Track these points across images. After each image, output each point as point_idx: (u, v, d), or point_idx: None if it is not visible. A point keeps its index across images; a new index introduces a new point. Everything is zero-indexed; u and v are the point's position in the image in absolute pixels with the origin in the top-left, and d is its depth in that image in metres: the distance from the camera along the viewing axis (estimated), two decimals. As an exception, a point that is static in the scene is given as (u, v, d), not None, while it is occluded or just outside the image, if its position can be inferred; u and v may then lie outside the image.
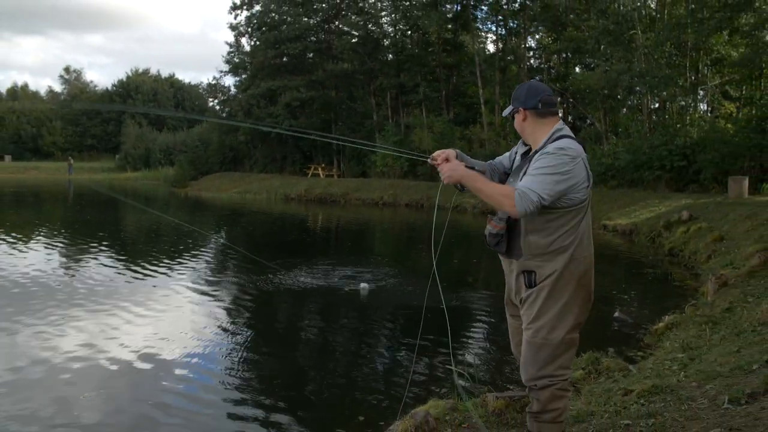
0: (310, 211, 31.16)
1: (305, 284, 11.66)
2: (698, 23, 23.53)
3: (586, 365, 6.01)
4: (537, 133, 3.56)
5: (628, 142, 26.57)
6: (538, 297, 3.48)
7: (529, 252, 3.47)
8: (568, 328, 3.46)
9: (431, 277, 3.86)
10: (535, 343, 3.49)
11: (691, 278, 11.88)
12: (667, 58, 25.98)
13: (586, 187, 3.43)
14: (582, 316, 3.54)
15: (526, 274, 3.53)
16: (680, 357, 5.95)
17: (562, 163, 3.31)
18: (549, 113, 3.57)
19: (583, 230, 3.48)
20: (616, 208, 21.43)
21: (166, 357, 7.50)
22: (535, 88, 3.62)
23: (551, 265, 3.44)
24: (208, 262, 14.95)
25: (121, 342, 7.99)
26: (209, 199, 38.45)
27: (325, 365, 7.40)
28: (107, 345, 7.86)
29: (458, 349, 7.78)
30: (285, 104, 44.02)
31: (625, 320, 8.87)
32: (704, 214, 16.16)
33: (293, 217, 28.72)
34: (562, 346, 3.46)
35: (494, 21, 38.74)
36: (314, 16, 46.50)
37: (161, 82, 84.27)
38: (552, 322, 3.45)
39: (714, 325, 6.91)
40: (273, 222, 26.53)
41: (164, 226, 22.30)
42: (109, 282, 11.81)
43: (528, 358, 3.54)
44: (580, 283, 3.47)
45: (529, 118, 3.57)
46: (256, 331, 8.88)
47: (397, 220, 27.06)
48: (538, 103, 3.54)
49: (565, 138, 3.46)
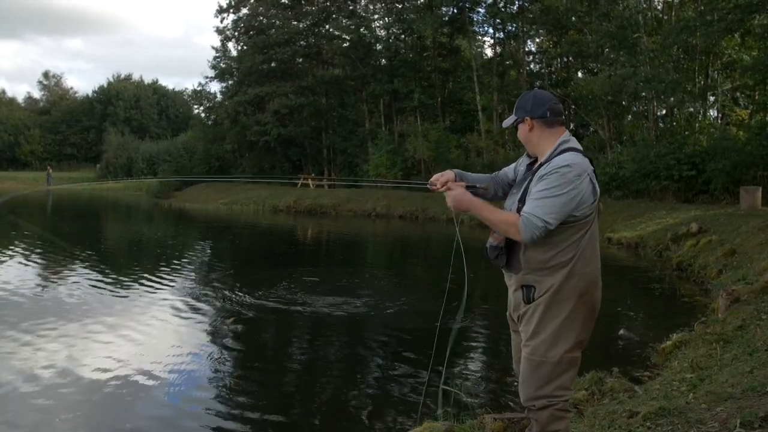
0: (299, 224, 31.11)
1: (293, 300, 11.60)
2: (708, 25, 23.52)
3: (589, 386, 5.97)
4: (544, 144, 3.56)
5: (634, 150, 26.51)
6: (536, 312, 3.47)
7: (528, 266, 3.47)
8: (569, 347, 3.44)
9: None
10: (534, 360, 3.47)
11: (701, 294, 11.84)
12: (674, 62, 26.02)
13: (592, 203, 3.43)
14: (584, 335, 3.52)
15: (525, 289, 3.52)
16: (689, 377, 5.90)
17: (566, 182, 3.31)
18: (557, 122, 3.58)
19: (586, 245, 3.46)
20: (620, 220, 21.40)
21: (145, 379, 7.41)
22: (542, 96, 3.65)
23: (550, 280, 3.42)
24: (191, 276, 14.86)
25: (97, 362, 7.88)
26: (194, 210, 38.40)
27: (313, 388, 7.33)
28: (83, 365, 7.77)
29: (455, 367, 7.71)
30: (273, 111, 43.97)
31: (630, 338, 8.82)
32: (714, 227, 16.13)
33: (282, 230, 28.66)
34: (561, 365, 3.44)
35: (492, 24, 38.84)
36: (304, 20, 46.48)
37: (144, 88, 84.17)
38: (550, 339, 3.43)
39: (725, 344, 6.85)
40: (261, 234, 26.48)
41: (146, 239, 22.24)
42: (86, 298, 11.72)
43: (526, 377, 3.54)
44: (582, 299, 3.45)
45: (536, 128, 3.57)
46: (240, 351, 8.79)
47: (391, 233, 27.02)
48: (546, 112, 3.56)
49: (570, 152, 3.45)
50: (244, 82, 47.07)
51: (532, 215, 3.29)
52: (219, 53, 51.62)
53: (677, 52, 26.05)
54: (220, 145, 49.85)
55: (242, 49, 49.38)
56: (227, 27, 49.64)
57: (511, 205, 3.62)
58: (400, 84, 40.79)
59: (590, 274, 3.48)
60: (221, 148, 49.90)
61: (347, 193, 37.33)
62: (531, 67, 39.68)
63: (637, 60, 26.50)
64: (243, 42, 49.21)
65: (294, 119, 45.30)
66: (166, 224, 31.11)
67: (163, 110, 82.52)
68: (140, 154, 61.31)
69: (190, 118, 72.16)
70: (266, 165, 47.61)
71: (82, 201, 45.06)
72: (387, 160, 37.51)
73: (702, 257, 14.18)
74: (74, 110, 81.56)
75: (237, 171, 49.81)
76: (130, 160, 62.42)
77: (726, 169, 21.79)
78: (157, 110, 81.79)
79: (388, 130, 41.14)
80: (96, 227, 28.21)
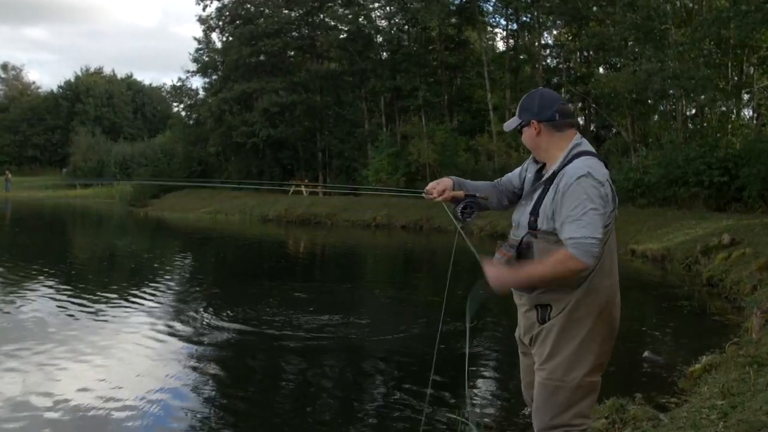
0: (291, 235, 31.14)
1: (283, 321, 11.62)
2: (742, 16, 23.46)
3: (610, 413, 6.01)
4: (553, 149, 3.59)
5: (660, 154, 26.47)
6: (551, 333, 3.48)
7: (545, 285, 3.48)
8: (587, 370, 3.45)
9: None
10: (549, 386, 3.48)
11: (733, 312, 11.86)
12: (705, 56, 26.03)
13: (612, 210, 3.44)
14: (604, 357, 3.54)
15: (540, 309, 3.53)
16: (719, 404, 5.93)
17: (593, 191, 3.33)
18: (566, 125, 3.61)
19: (605, 257, 3.45)
20: (645, 231, 21.44)
21: (113, 410, 7.31)
22: (550, 97, 3.68)
23: (568, 297, 3.43)
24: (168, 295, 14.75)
25: (59, 392, 7.76)
26: (174, 220, 38.40)
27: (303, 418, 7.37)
28: (43, 395, 7.68)
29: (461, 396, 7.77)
30: (262, 110, 43.86)
31: (655, 361, 8.86)
32: (749, 238, 16.13)
33: (271, 242, 28.70)
34: (580, 390, 3.45)
35: (504, 14, 38.95)
36: (296, 8, 46.53)
37: (117, 83, 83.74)
38: (568, 361, 3.44)
39: (760, 367, 6.88)
40: (248, 247, 26.52)
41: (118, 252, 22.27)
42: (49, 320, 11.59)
43: (541, 404, 3.54)
44: (601, 317, 3.47)
45: (544, 132, 3.59)
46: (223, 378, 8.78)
47: (393, 245, 27.07)
48: (555, 114, 3.58)
49: (585, 156, 3.48)
50: (230, 77, 47.08)
51: (581, 237, 3.26)
52: (201, 45, 51.60)
53: (709, 46, 26.06)
54: (202, 147, 49.77)
55: (227, 40, 49.44)
56: (210, 16, 49.56)
57: (520, 218, 3.64)
58: (403, 80, 40.83)
59: (609, 288, 3.50)
60: (204, 151, 49.80)
61: (344, 201, 37.31)
62: (547, 62, 39.70)
63: (665, 54, 26.51)
64: (228, 32, 49.24)
65: (285, 119, 45.27)
66: (142, 236, 31.13)
67: (138, 108, 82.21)
68: (113, 157, 60.98)
69: (168, 116, 71.80)
70: (254, 169, 47.48)
71: (46, 209, 44.95)
72: (388, 164, 37.57)
73: (735, 271, 14.18)
74: (37, 107, 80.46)
75: (221, 176, 49.60)
76: (101, 163, 62.15)
77: (762, 175, 21.64)
78: (132, 108, 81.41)
79: (389, 131, 41.12)
80: (61, 239, 28.16)
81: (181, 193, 47.25)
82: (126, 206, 46.61)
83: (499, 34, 44.49)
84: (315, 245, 27.44)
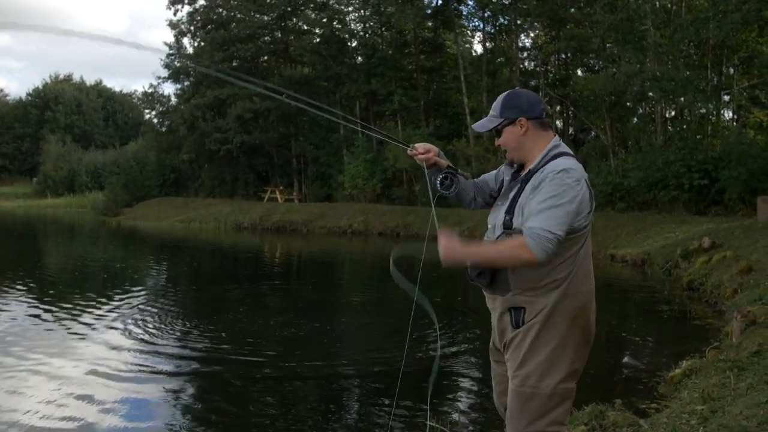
0: (266, 242, 31.09)
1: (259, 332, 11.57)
2: (722, 16, 23.55)
3: (589, 420, 5.99)
4: (536, 149, 3.57)
5: (639, 157, 26.66)
6: (525, 338, 3.45)
7: (519, 286, 3.45)
8: (562, 377, 3.43)
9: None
10: (523, 393, 3.45)
11: (714, 316, 11.94)
12: (685, 58, 26.14)
13: (589, 212, 3.43)
14: (579, 363, 3.51)
15: (513, 312, 3.50)
16: (700, 409, 5.93)
17: (568, 188, 3.32)
18: (548, 125, 3.63)
19: (581, 262, 3.46)
20: (625, 235, 21.55)
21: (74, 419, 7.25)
22: (534, 95, 3.68)
23: (543, 301, 3.41)
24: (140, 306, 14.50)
25: (27, 407, 7.63)
26: (147, 229, 38.25)
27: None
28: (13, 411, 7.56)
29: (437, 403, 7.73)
30: (236, 116, 43.71)
31: (635, 366, 8.86)
32: (729, 241, 16.26)
33: (246, 250, 28.62)
34: (555, 397, 3.42)
35: (481, 17, 38.94)
36: (268, 12, 46.47)
37: (86, 90, 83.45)
38: (542, 368, 3.42)
39: (740, 372, 6.91)
40: (223, 255, 26.44)
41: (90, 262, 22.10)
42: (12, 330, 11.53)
43: (515, 411, 3.51)
44: (576, 323, 3.45)
45: (530, 130, 3.56)
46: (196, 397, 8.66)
47: (369, 252, 27.03)
48: (542, 112, 3.59)
49: (564, 156, 3.48)
50: (202, 83, 46.87)
51: (539, 229, 3.26)
52: (173, 50, 51.38)
53: (688, 47, 26.18)
54: (175, 155, 49.60)
55: (199, 45, 49.29)
56: (182, 20, 49.40)
57: (495, 219, 3.61)
58: (379, 85, 40.80)
59: (585, 295, 3.49)
60: (177, 158, 49.63)
61: (320, 207, 37.36)
62: (525, 65, 39.90)
63: (644, 56, 26.65)
64: (200, 37, 49.13)
65: (259, 125, 45.20)
66: (114, 245, 30.94)
67: (109, 115, 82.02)
68: (84, 166, 60.88)
69: (140, 124, 71.70)
70: (228, 177, 47.49)
71: (17, 219, 44.68)
72: (364, 170, 37.59)
73: (715, 275, 14.27)
74: (5, 116, 79.81)
75: (195, 184, 49.55)
76: (72, 172, 61.92)
77: (742, 177, 21.84)
78: (103, 115, 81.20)
79: (365, 137, 41.11)
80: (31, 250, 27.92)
81: (154, 201, 47.21)
82: (98, 215, 46.42)
83: (477, 37, 44.63)
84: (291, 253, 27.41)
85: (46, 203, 57.74)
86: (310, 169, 44.42)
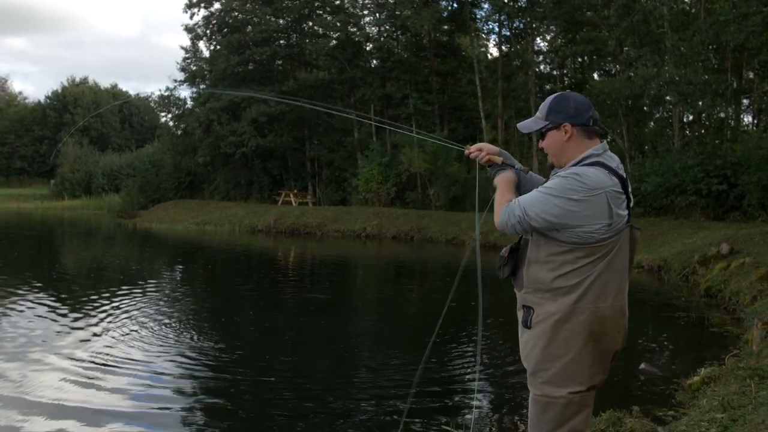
0: (280, 245, 31.11)
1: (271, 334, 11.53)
2: (742, 18, 23.30)
3: (606, 427, 5.97)
4: (575, 157, 3.52)
5: (657, 161, 26.46)
6: (536, 346, 3.44)
7: (530, 285, 3.47)
8: (579, 389, 3.40)
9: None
10: (540, 401, 3.45)
11: (733, 323, 11.84)
12: (704, 61, 25.95)
13: (607, 226, 3.34)
14: (599, 376, 3.48)
15: (525, 310, 3.52)
16: (719, 418, 5.86)
17: (570, 188, 3.30)
18: (595, 133, 3.57)
19: (604, 277, 3.38)
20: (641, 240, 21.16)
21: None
22: (584, 101, 3.60)
23: (551, 306, 3.39)
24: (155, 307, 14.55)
25: (38, 411, 7.60)
26: (162, 231, 38.42)
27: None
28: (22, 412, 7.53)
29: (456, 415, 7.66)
30: (251, 119, 43.82)
31: (653, 373, 8.80)
32: (748, 247, 16.10)
33: (260, 253, 28.65)
34: (572, 406, 3.39)
35: (497, 20, 38.87)
36: (284, 16, 46.58)
37: (103, 93, 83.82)
38: (557, 379, 3.40)
39: (760, 380, 6.84)
40: (236, 259, 26.44)
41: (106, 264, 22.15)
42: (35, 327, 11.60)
43: (534, 420, 3.51)
44: (593, 337, 3.39)
45: (574, 137, 3.52)
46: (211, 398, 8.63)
47: (383, 256, 27.00)
48: (590, 119, 3.53)
49: (596, 167, 3.40)
50: (218, 86, 47.04)
51: (518, 202, 3.41)
52: (189, 54, 51.56)
53: (707, 50, 25.95)
54: (191, 158, 49.79)
55: (215, 49, 49.41)
56: (198, 24, 49.41)
57: None
58: (394, 88, 40.87)
59: (605, 310, 3.40)
60: (192, 161, 49.81)
61: (334, 211, 37.38)
62: (540, 69, 39.72)
63: (662, 59, 26.48)
64: (216, 41, 49.19)
65: (274, 128, 45.22)
66: (130, 247, 31.03)
67: (126, 118, 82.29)
68: (100, 168, 61.14)
69: (156, 127, 71.93)
70: (243, 180, 47.60)
71: (34, 221, 44.90)
72: (379, 173, 37.51)
73: (734, 282, 14.16)
74: (25, 118, 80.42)
75: (211, 187, 49.69)
76: (88, 174, 62.17)
77: (762, 183, 21.63)
78: (120, 118, 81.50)
79: (379, 141, 41.10)
80: (49, 251, 28.11)
81: (169, 204, 47.39)
82: (114, 218, 46.60)
83: (492, 41, 44.51)
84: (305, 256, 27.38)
85: (63, 205, 58.13)
86: (325, 173, 44.46)
